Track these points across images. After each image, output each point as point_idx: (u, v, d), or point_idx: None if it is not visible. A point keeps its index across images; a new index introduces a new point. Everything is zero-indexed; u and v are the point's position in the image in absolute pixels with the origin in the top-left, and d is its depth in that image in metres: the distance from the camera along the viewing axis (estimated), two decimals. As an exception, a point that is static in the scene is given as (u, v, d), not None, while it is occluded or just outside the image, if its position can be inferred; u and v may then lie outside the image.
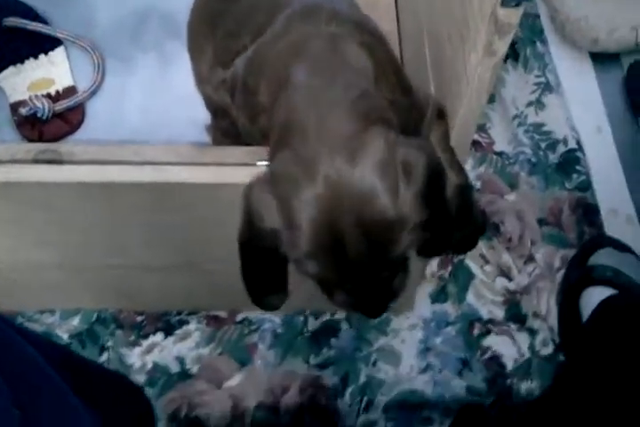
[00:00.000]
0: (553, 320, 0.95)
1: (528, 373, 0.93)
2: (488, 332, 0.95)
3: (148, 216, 0.72)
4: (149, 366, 0.93)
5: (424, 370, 0.93)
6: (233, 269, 0.81)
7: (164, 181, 0.67)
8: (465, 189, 0.66)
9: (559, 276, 0.98)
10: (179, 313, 0.96)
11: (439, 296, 0.97)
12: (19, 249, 0.79)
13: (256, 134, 0.70)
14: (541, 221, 1.02)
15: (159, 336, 0.95)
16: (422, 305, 0.96)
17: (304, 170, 0.54)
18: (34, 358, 0.52)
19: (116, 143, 0.75)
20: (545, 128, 1.09)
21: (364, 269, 0.55)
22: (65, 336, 0.94)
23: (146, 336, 0.95)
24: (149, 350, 0.94)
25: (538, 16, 1.19)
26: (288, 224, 0.55)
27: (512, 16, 0.53)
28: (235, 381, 0.93)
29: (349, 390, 0.92)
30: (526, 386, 0.92)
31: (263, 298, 0.65)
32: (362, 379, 0.92)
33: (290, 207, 0.55)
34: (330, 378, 0.92)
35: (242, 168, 0.68)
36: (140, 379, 0.93)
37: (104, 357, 0.94)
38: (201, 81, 0.90)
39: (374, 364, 0.93)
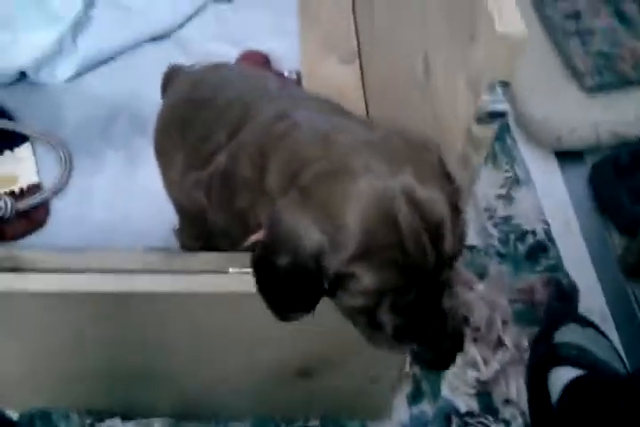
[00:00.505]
0: (525, 404, 0.93)
1: None
2: (466, 425, 0.92)
3: (112, 326, 0.69)
4: None
5: None
6: (198, 379, 0.78)
7: (128, 290, 0.64)
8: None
9: (527, 355, 0.97)
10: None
11: (415, 397, 0.94)
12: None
13: (234, 226, 0.68)
14: (513, 301, 1.02)
15: (116, 420, 0.88)
16: (400, 409, 0.92)
17: (341, 178, 0.51)
18: None
19: (79, 248, 0.71)
20: (514, 221, 1.10)
21: (428, 257, 0.50)
22: (15, 416, 0.87)
23: (101, 420, 0.88)
24: None
25: (503, 114, 1.22)
26: (333, 230, 0.50)
27: (487, 132, 0.53)
28: None
29: None
30: None
31: (286, 314, 0.59)
32: None
33: (334, 211, 0.50)
34: None
35: (213, 276, 0.65)
36: None
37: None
38: (171, 187, 0.89)
39: (352, 479, 0.88)
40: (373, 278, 0.51)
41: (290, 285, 0.54)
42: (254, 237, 0.63)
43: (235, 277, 0.65)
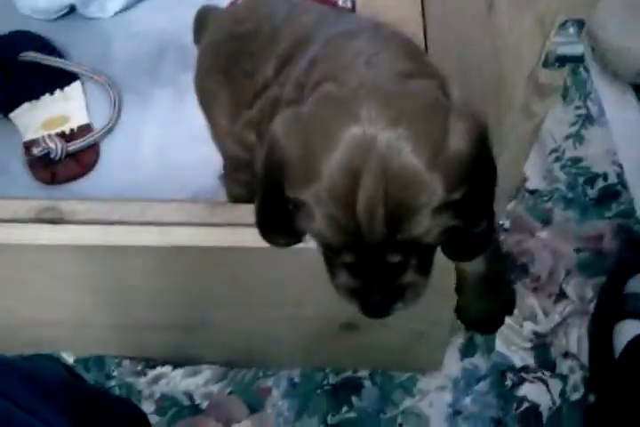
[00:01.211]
0: (585, 356, 0.90)
1: (560, 422, 0.87)
2: (521, 381, 0.89)
3: (153, 280, 0.68)
4: (157, 395, 0.89)
5: None
6: (245, 329, 0.78)
7: (170, 244, 0.62)
8: (495, 249, 0.59)
9: (592, 307, 0.92)
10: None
11: (468, 350, 0.91)
12: (20, 307, 0.75)
13: None
14: (578, 250, 0.96)
15: (167, 368, 0.90)
16: (451, 361, 0.90)
17: (338, 110, 0.48)
18: None
19: (122, 198, 0.70)
20: (583, 163, 1.03)
21: (375, 233, 0.47)
22: (71, 360, 0.89)
23: (153, 367, 0.90)
24: (156, 380, 0.90)
25: (577, 42, 1.12)
26: (306, 162, 0.48)
27: (556, 78, 0.47)
28: (243, 426, 0.88)
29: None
30: None
31: (271, 235, 0.58)
32: (386, 444, 0.87)
33: (314, 144, 0.48)
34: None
35: (254, 229, 0.63)
36: (149, 407, 0.88)
37: (112, 383, 0.89)
38: (218, 134, 0.85)
39: (400, 428, 0.88)
40: (322, 226, 0.49)
41: (268, 196, 0.54)
42: None
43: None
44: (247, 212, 0.65)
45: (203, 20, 0.97)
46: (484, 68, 0.59)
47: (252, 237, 0.62)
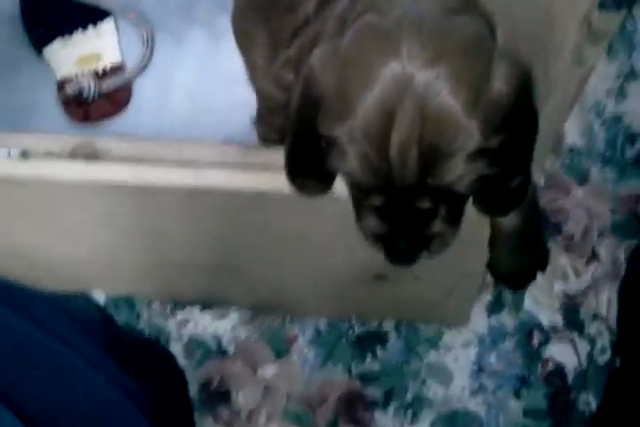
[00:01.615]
0: (614, 321, 0.89)
1: (585, 384, 0.87)
2: (548, 340, 0.89)
3: (184, 221, 0.68)
4: (185, 338, 0.91)
5: (477, 392, 0.87)
6: (275, 275, 0.78)
7: (204, 185, 0.62)
8: (531, 203, 0.58)
9: (623, 270, 0.91)
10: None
11: (495, 307, 0.90)
12: (53, 245, 0.76)
13: None
14: (614, 211, 0.95)
15: (196, 310, 0.91)
16: (478, 318, 0.90)
17: (378, 43, 0.47)
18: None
19: (155, 137, 0.69)
20: (624, 120, 1.00)
21: (406, 175, 0.46)
22: (101, 298, 0.91)
23: (182, 307, 0.91)
24: (184, 323, 0.91)
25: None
26: (342, 97, 0.47)
27: (610, 22, 0.45)
28: (270, 371, 0.89)
29: (392, 406, 0.87)
30: (584, 399, 0.87)
31: (300, 179, 0.58)
32: (408, 397, 0.87)
33: (351, 79, 0.47)
34: (372, 392, 0.88)
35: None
36: (176, 349, 0.90)
37: (141, 323, 0.91)
38: (256, 75, 0.83)
39: (423, 382, 0.88)
40: (345, 164, 0.48)
41: (300, 134, 0.53)
42: None
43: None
44: (280, 155, 0.64)
45: None
46: (533, 12, 0.57)
47: (284, 182, 0.62)
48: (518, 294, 0.90)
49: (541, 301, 0.91)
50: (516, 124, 0.48)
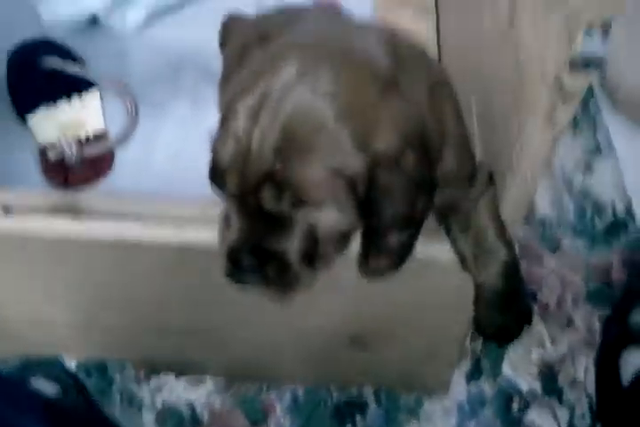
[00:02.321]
0: (591, 387, 0.89)
1: None
2: (527, 407, 0.88)
3: (164, 277, 0.68)
4: (159, 405, 0.88)
5: None
6: (251, 338, 0.77)
7: (186, 241, 0.62)
8: (512, 267, 0.60)
9: (599, 338, 0.92)
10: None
11: (474, 374, 0.90)
12: (29, 304, 0.74)
13: None
14: (587, 279, 0.97)
15: (170, 376, 0.89)
16: (457, 385, 0.89)
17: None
18: None
19: (139, 196, 0.70)
20: (592, 193, 1.04)
21: (262, 155, 0.46)
22: (73, 364, 0.88)
23: (156, 373, 0.89)
24: (158, 389, 0.89)
25: (588, 76, 1.15)
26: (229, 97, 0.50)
27: (579, 82, 0.48)
28: None
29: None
30: None
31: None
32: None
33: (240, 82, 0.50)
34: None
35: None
36: (149, 417, 0.88)
37: (113, 389, 0.88)
38: None
39: (404, 451, 0.86)
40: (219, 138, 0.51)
41: None
42: None
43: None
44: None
45: (228, 27, 0.98)
46: (503, 80, 0.60)
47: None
48: (496, 360, 0.90)
49: (520, 367, 0.90)
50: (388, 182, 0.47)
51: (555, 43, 0.49)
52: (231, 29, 0.96)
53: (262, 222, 0.49)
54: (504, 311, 0.61)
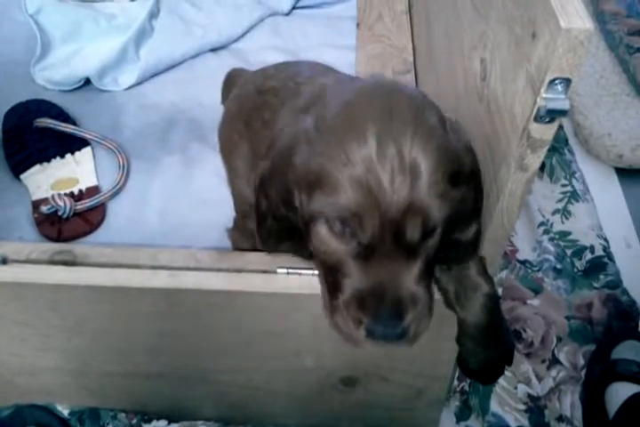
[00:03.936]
0: (579, 422, 0.91)
1: None
2: None
3: (157, 322, 0.69)
4: None
5: None
6: (243, 381, 0.78)
7: (179, 287, 0.65)
8: (493, 298, 0.62)
9: (583, 373, 0.94)
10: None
11: (463, 413, 0.91)
12: (21, 352, 0.75)
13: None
14: (569, 318, 0.99)
15: (162, 422, 0.88)
16: (447, 425, 0.90)
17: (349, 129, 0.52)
18: None
19: (133, 246, 0.72)
20: (571, 236, 1.08)
21: (397, 192, 0.49)
22: (66, 412, 0.88)
23: (149, 420, 0.88)
24: None
25: (562, 126, 1.20)
26: (324, 177, 0.51)
27: (546, 132, 0.52)
28: None
29: None
30: None
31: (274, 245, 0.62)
32: None
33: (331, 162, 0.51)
34: None
35: (260, 275, 0.66)
36: None
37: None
38: (236, 178, 0.89)
39: None
40: (329, 203, 0.51)
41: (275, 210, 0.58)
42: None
43: (282, 278, 0.65)
44: (253, 259, 0.68)
45: (231, 80, 1.03)
46: (478, 131, 0.64)
47: (257, 282, 0.65)
48: (484, 398, 0.91)
49: (507, 403, 0.92)
50: (469, 181, 0.56)
51: (521, 97, 0.54)
52: (234, 81, 1.01)
53: (395, 264, 0.52)
54: (487, 346, 0.63)
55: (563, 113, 0.50)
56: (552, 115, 0.50)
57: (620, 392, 0.85)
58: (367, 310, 0.52)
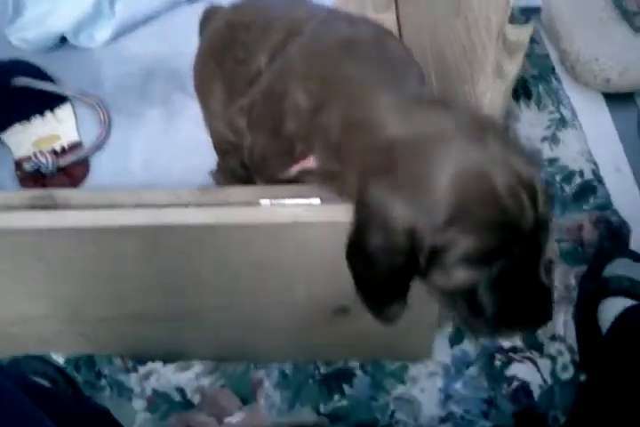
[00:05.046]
0: (572, 340, 0.92)
1: (552, 400, 0.88)
2: (510, 361, 0.90)
3: (144, 262, 0.69)
4: (148, 392, 0.88)
5: (446, 419, 0.87)
6: (235, 318, 0.78)
7: (162, 223, 0.64)
8: None
9: (576, 294, 0.94)
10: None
11: (456, 337, 0.92)
12: (11, 302, 0.75)
13: (274, 154, 0.66)
14: (560, 241, 0.99)
15: (158, 363, 0.90)
16: (441, 350, 0.91)
17: (434, 152, 0.50)
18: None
19: (114, 188, 0.71)
20: (560, 162, 1.07)
21: (528, 224, 0.49)
22: (61, 360, 0.89)
23: (144, 362, 0.89)
24: (147, 376, 0.89)
25: (547, 55, 1.18)
26: (424, 199, 0.49)
27: (522, 34, 0.51)
28: (236, 418, 0.87)
29: (364, 444, 0.86)
30: (552, 414, 0.87)
31: (383, 308, 0.58)
32: (379, 431, 0.86)
33: (424, 181, 0.49)
34: (342, 429, 0.87)
35: (244, 208, 0.65)
36: (140, 405, 0.88)
37: (102, 382, 0.89)
38: (211, 117, 0.88)
39: (392, 415, 0.87)
40: (472, 239, 0.49)
41: (383, 267, 0.53)
42: (298, 167, 0.62)
43: (266, 209, 0.64)
44: (236, 192, 0.67)
45: (207, 16, 1.00)
46: (456, 43, 0.63)
47: (241, 215, 0.64)
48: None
49: (500, 326, 0.92)
50: None
51: (495, 1, 0.52)
52: (210, 15, 0.98)
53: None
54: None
55: (536, 11, 0.48)
56: (526, 13, 0.49)
57: (612, 307, 0.85)
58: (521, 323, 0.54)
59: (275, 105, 0.65)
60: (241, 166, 0.80)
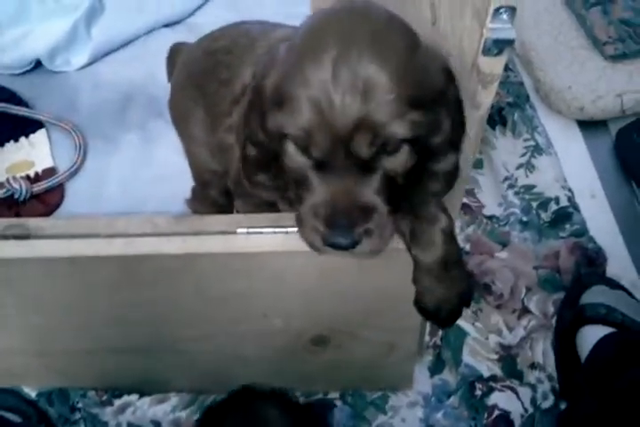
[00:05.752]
0: (551, 368, 0.91)
1: None
2: (491, 390, 0.90)
3: (117, 292, 0.67)
4: (124, 426, 0.87)
5: None
6: (212, 349, 0.77)
7: (135, 253, 0.63)
8: (450, 234, 0.61)
9: (554, 321, 0.95)
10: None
11: (436, 366, 0.91)
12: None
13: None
14: (537, 268, 0.99)
15: (134, 396, 0.88)
16: (421, 380, 0.90)
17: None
18: None
19: (88, 216, 0.71)
20: (536, 189, 1.08)
21: (347, 109, 0.49)
22: (33, 394, 0.87)
23: (119, 395, 0.88)
24: (122, 410, 0.88)
25: (522, 83, 1.20)
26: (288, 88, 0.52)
27: (495, 65, 0.51)
28: None
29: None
30: None
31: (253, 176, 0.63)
32: (361, 465, 0.85)
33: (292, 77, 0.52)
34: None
35: (220, 236, 0.64)
36: None
37: (76, 415, 0.87)
38: (193, 144, 0.87)
39: (374, 445, 0.86)
40: (296, 118, 0.51)
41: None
42: None
43: (243, 238, 0.64)
44: (212, 221, 0.66)
45: (174, 55, 1.00)
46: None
47: (217, 244, 0.63)
48: (457, 350, 0.92)
49: (479, 353, 0.92)
50: (440, 105, 0.54)
51: (469, 31, 0.53)
52: (177, 54, 0.98)
53: (351, 177, 0.53)
54: (442, 281, 0.61)
55: (509, 42, 0.49)
56: (499, 45, 0.50)
57: (590, 335, 0.85)
58: (322, 219, 0.53)
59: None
60: (221, 195, 0.80)
